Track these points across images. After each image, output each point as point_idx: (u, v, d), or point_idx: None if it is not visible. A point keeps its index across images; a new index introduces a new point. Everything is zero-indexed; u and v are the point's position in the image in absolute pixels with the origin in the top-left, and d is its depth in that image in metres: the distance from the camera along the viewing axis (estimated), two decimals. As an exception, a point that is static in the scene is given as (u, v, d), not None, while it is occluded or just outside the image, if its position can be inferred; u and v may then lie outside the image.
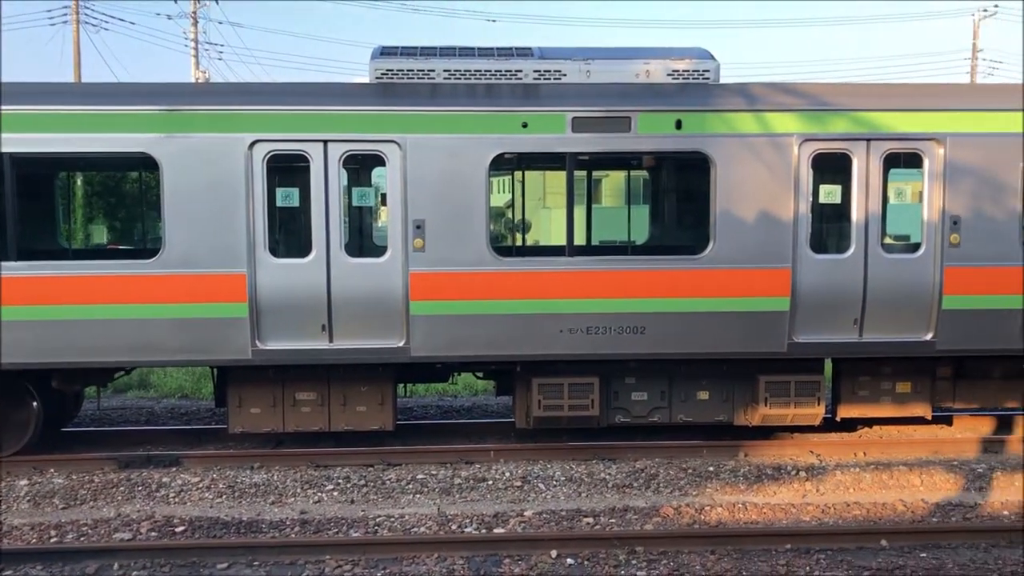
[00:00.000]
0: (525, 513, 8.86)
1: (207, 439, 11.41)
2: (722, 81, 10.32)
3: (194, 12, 38.66)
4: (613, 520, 8.73)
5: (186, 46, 38.83)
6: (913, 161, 10.18)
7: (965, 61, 38.96)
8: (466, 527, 8.50)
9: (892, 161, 10.23)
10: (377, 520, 8.66)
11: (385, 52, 10.44)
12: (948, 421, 11.98)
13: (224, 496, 9.35)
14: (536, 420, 10.49)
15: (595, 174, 12.74)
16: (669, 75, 10.22)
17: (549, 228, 26.26)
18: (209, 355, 10.00)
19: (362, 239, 11.33)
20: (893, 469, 9.95)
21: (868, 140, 9.98)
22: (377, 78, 10.19)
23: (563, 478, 9.78)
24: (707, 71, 10.25)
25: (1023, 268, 10.04)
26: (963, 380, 10.85)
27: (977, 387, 10.90)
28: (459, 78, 10.17)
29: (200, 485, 9.60)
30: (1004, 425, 11.96)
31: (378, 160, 9.99)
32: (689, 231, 10.83)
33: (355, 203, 10.96)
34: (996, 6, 40.22)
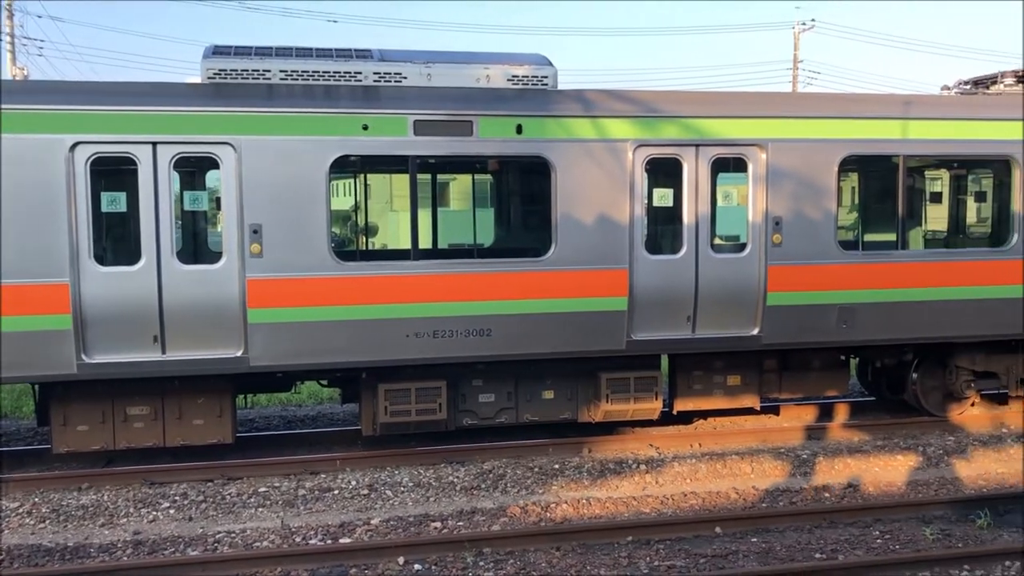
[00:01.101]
0: (372, 521, 8.76)
1: (29, 461, 10.64)
2: (560, 87, 10.55)
3: (9, 5, 36.04)
4: (461, 523, 8.75)
5: (0, 41, 36.14)
6: (739, 166, 10.74)
7: (787, 71, 41.41)
8: (311, 539, 8.30)
9: (720, 166, 10.76)
10: (217, 537, 8.34)
11: (218, 51, 10.07)
12: (775, 411, 12.70)
13: (47, 521, 8.76)
14: (383, 426, 10.38)
15: (440, 177, 12.73)
16: (509, 80, 10.35)
17: (397, 232, 26.06)
18: (30, 370, 9.33)
19: (196, 245, 10.88)
20: (726, 458, 10.45)
21: (697, 146, 10.45)
22: (209, 78, 9.81)
23: (411, 483, 9.72)
24: (546, 77, 10.45)
25: (838, 266, 10.76)
26: (787, 372, 11.52)
27: (800, 378, 11.60)
28: (296, 79, 9.93)
29: (20, 511, 8.95)
30: (825, 413, 12.80)
31: (212, 163, 9.62)
32: (532, 234, 11.00)
33: (187, 207, 10.51)
34: (813, 20, 43.05)
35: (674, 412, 11.49)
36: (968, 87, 12.66)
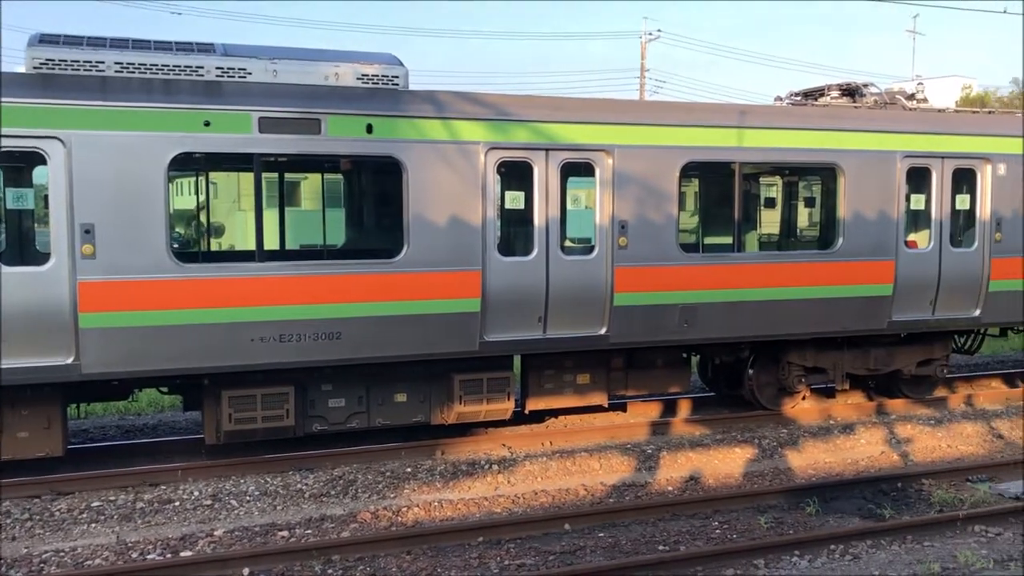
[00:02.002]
0: (216, 532, 8.43)
1: None
2: (411, 88, 10.49)
3: None
4: (310, 531, 8.56)
5: None
6: (587, 170, 10.99)
7: (635, 79, 42.82)
8: (149, 553, 7.91)
9: (569, 170, 10.98)
10: (44, 557, 7.82)
11: (45, 40, 9.44)
12: (623, 408, 13.08)
13: None
14: (228, 434, 10.01)
15: (288, 176, 12.41)
16: (359, 79, 10.20)
17: (245, 232, 25.24)
18: None
19: (21, 245, 10.17)
20: (576, 456, 10.67)
21: (547, 150, 10.62)
22: (36, 68, 9.18)
23: (257, 492, 9.42)
24: (396, 77, 10.36)
25: (680, 268, 11.19)
26: (634, 370, 11.89)
27: (645, 376, 11.99)
28: (133, 72, 9.44)
29: None
30: (669, 409, 13.28)
31: (40, 158, 9.00)
32: (384, 235, 10.89)
33: (11, 205, 9.81)
34: (660, 30, 44.66)
35: (526, 412, 11.64)
36: (798, 98, 13.44)
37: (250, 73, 9.82)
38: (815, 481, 10.19)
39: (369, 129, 9.87)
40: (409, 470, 10.13)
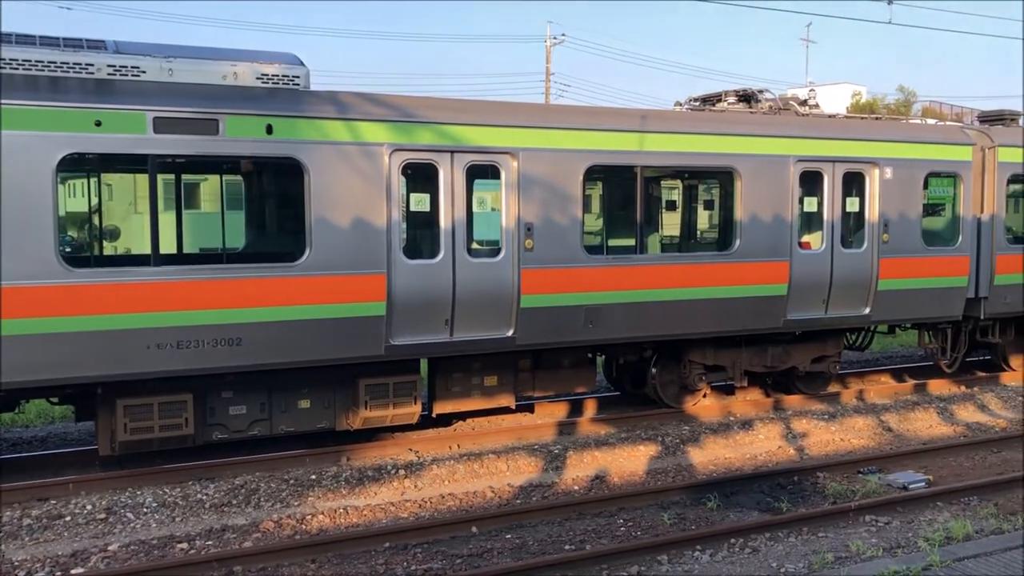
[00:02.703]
0: (110, 547, 8.13)
1: None
2: (312, 88, 10.32)
3: None
4: (210, 542, 8.33)
5: None
6: (493, 173, 11.01)
7: (540, 83, 43.19)
8: (36, 572, 7.56)
9: (475, 172, 10.99)
10: (-80, 580, 7.39)
11: (-81, 32, 8.94)
12: (530, 409, 13.16)
13: None
14: (123, 445, 9.66)
15: (185, 178, 12.02)
16: (258, 79, 9.99)
17: (141, 236, 24.37)
18: None
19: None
20: (484, 458, 10.68)
21: (452, 152, 10.60)
22: (-92, 61, 8.68)
23: (155, 504, 9.11)
24: (297, 77, 10.18)
25: (584, 269, 11.32)
26: (540, 371, 11.98)
27: (552, 376, 12.10)
28: (17, 68, 9.02)
29: None
30: (575, 409, 13.43)
31: (-87, 157, 8.50)
32: (286, 238, 10.69)
33: None
34: (564, 35, 45.13)
35: (434, 415, 11.59)
36: (697, 104, 13.78)
37: (144, 72, 9.50)
38: (716, 477, 10.45)
39: (269, 130, 9.68)
40: (314, 477, 9.96)
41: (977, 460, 11.28)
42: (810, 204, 12.98)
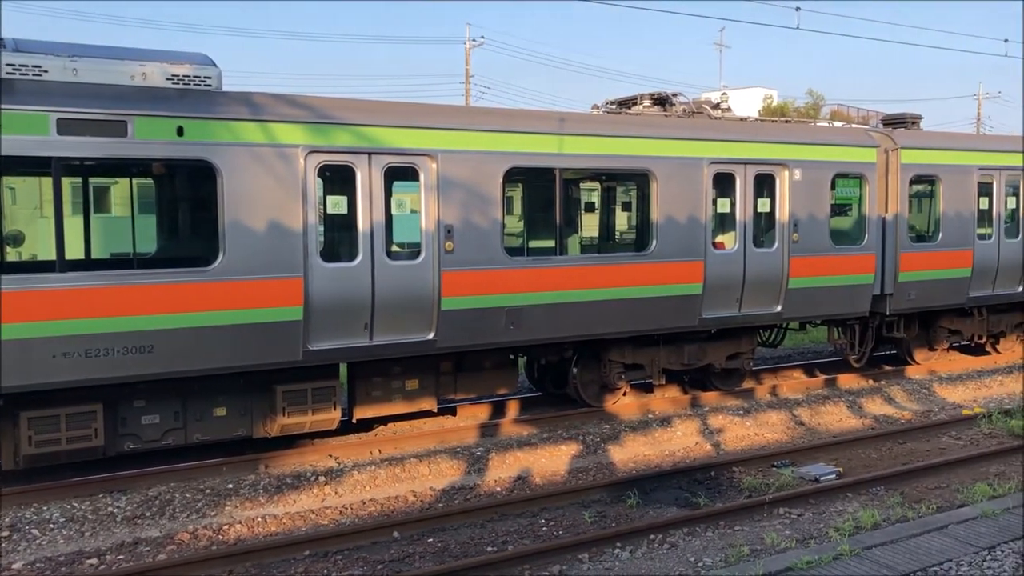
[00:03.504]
0: (14, 566, 7.81)
1: None
2: (225, 89, 10.11)
3: None
4: (122, 556, 8.09)
5: None
6: (412, 174, 10.96)
7: (460, 85, 43.23)
8: (-66, 595, 7.23)
9: (394, 174, 10.91)
10: None
11: None
12: (453, 411, 13.13)
13: None
14: (28, 459, 9.28)
15: (93, 181, 11.62)
16: (168, 79, 9.73)
17: (48, 241, 23.47)
18: None
19: None
20: (405, 462, 10.61)
21: (370, 154, 10.51)
22: None
23: (63, 519, 8.79)
24: (209, 77, 9.96)
25: (505, 271, 11.36)
26: (462, 373, 11.97)
27: (474, 378, 12.10)
28: (-92, 66, 8.60)
29: None
30: (498, 410, 13.46)
31: None
32: (198, 242, 10.42)
33: None
34: (483, 37, 45.27)
35: (354, 420, 11.47)
36: (614, 107, 13.96)
37: (47, 71, 9.17)
38: (636, 474, 10.60)
39: (180, 131, 9.44)
40: (231, 486, 9.75)
41: (884, 451, 11.71)
42: (723, 205, 13.29)
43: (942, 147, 15.57)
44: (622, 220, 14.38)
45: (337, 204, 10.71)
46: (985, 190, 15.98)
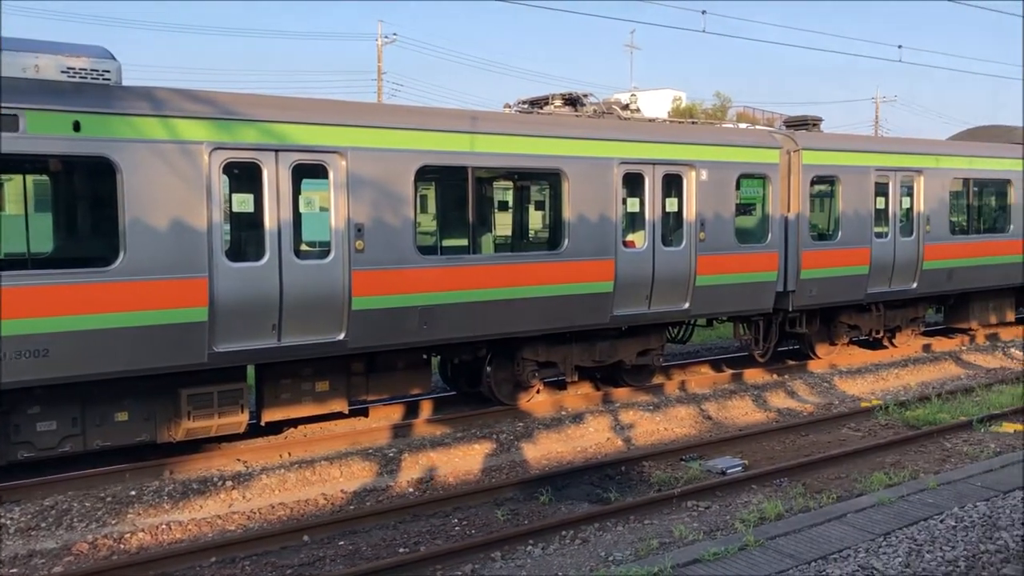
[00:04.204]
0: None
1: None
2: (125, 83, 9.77)
3: None
4: (15, 570, 7.75)
5: None
6: (321, 172, 10.79)
7: (372, 82, 42.78)
8: None
9: (302, 172, 10.72)
10: None
11: None
12: (365, 413, 12.99)
13: None
14: (-89, 469, 8.81)
15: (-17, 178, 11.12)
16: (64, 72, 9.35)
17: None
18: None
19: None
20: (316, 465, 10.44)
21: (277, 151, 10.31)
22: None
23: (-50, 533, 8.37)
24: (107, 71, 9.61)
25: (417, 270, 11.29)
26: (375, 374, 11.85)
27: (387, 379, 11.99)
28: None
29: None
30: (411, 410, 13.38)
31: None
32: (98, 241, 10.04)
33: None
34: (395, 34, 44.89)
35: (262, 423, 11.23)
36: (526, 106, 14.03)
37: (-71, 61, 8.70)
38: (548, 471, 10.68)
39: (76, 127, 9.08)
40: (133, 493, 9.43)
41: (787, 443, 12.08)
42: (633, 205, 13.50)
43: (841, 148, 16.15)
44: (535, 219, 14.46)
45: (243, 202, 10.46)
46: (882, 190, 16.64)
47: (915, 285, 17.24)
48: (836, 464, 10.83)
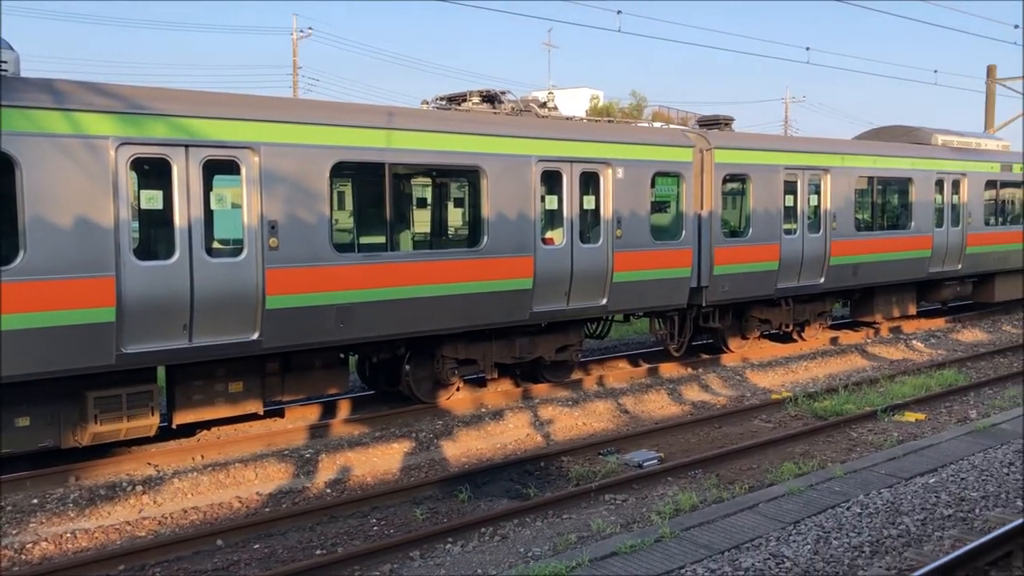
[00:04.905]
0: None
1: None
2: (23, 74, 9.37)
3: None
4: (-93, 585, 7.36)
5: None
6: (233, 168, 10.54)
7: (287, 76, 42.06)
8: None
9: (214, 168, 10.46)
10: None
11: None
12: (281, 413, 12.77)
13: None
14: None
15: None
16: (-44, 62, 8.92)
17: None
18: None
19: None
20: (230, 467, 10.22)
21: (187, 146, 10.04)
22: None
23: None
24: (5, 62, 9.20)
25: (334, 268, 11.14)
26: (290, 373, 11.65)
27: (303, 379, 11.80)
28: None
29: None
30: (329, 410, 13.20)
31: None
32: (-2, 240, 9.63)
33: None
34: (311, 28, 44.20)
35: (174, 426, 10.93)
36: (443, 103, 13.98)
37: None
38: (468, 468, 10.68)
39: None
40: (36, 501, 9.07)
41: (702, 435, 12.34)
42: (551, 202, 13.58)
43: (752, 147, 16.57)
44: (454, 216, 14.42)
45: (152, 199, 10.16)
46: (790, 188, 17.13)
47: (822, 280, 17.81)
48: (748, 455, 11.11)
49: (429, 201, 14.24)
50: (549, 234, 13.76)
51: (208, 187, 10.47)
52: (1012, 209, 23.40)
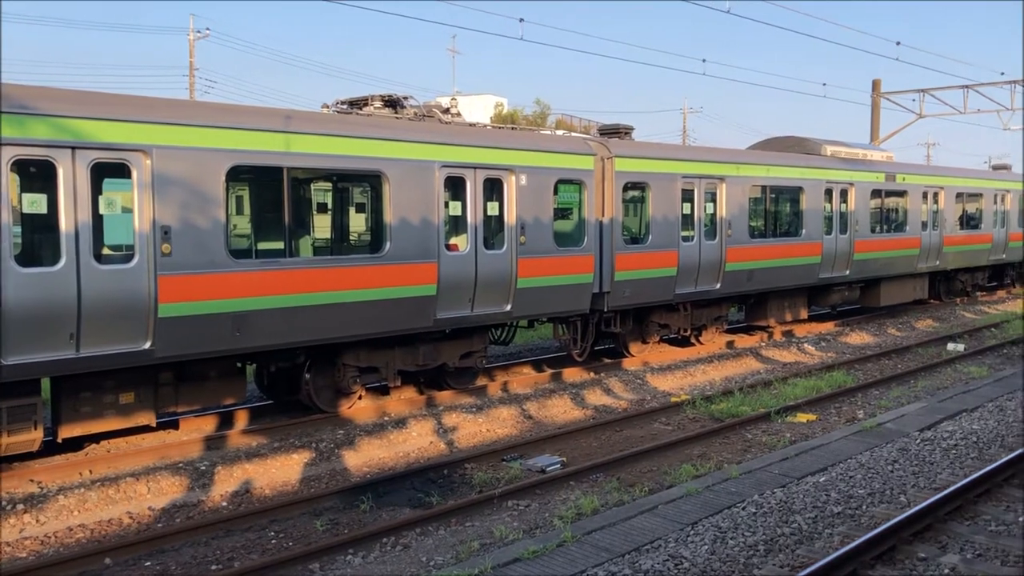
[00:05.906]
0: None
1: None
2: None
3: None
4: None
5: None
6: (124, 171, 10.16)
7: (184, 78, 40.87)
8: None
9: (103, 171, 10.05)
10: None
11: None
12: (175, 425, 12.35)
13: None
14: None
15: None
16: None
17: None
18: None
19: None
20: (120, 482, 9.82)
21: (74, 148, 9.62)
22: None
23: None
24: None
25: (230, 274, 10.84)
26: (185, 384, 11.27)
27: (198, 389, 11.44)
28: None
29: None
30: (226, 421, 12.84)
31: None
32: None
33: None
34: (208, 29, 43.09)
35: (59, 440, 10.43)
36: (344, 107, 13.79)
37: None
38: (370, 478, 10.54)
39: None
40: (-95, 524, 8.53)
41: (604, 439, 12.50)
42: (455, 208, 13.55)
43: (651, 156, 16.91)
44: (356, 222, 14.23)
45: (35, 203, 9.68)
46: (688, 196, 17.55)
47: (718, 285, 18.30)
48: (648, 458, 11.31)
49: (330, 206, 14.01)
50: (453, 240, 13.72)
51: (97, 191, 10.06)
52: (896, 217, 24.55)
